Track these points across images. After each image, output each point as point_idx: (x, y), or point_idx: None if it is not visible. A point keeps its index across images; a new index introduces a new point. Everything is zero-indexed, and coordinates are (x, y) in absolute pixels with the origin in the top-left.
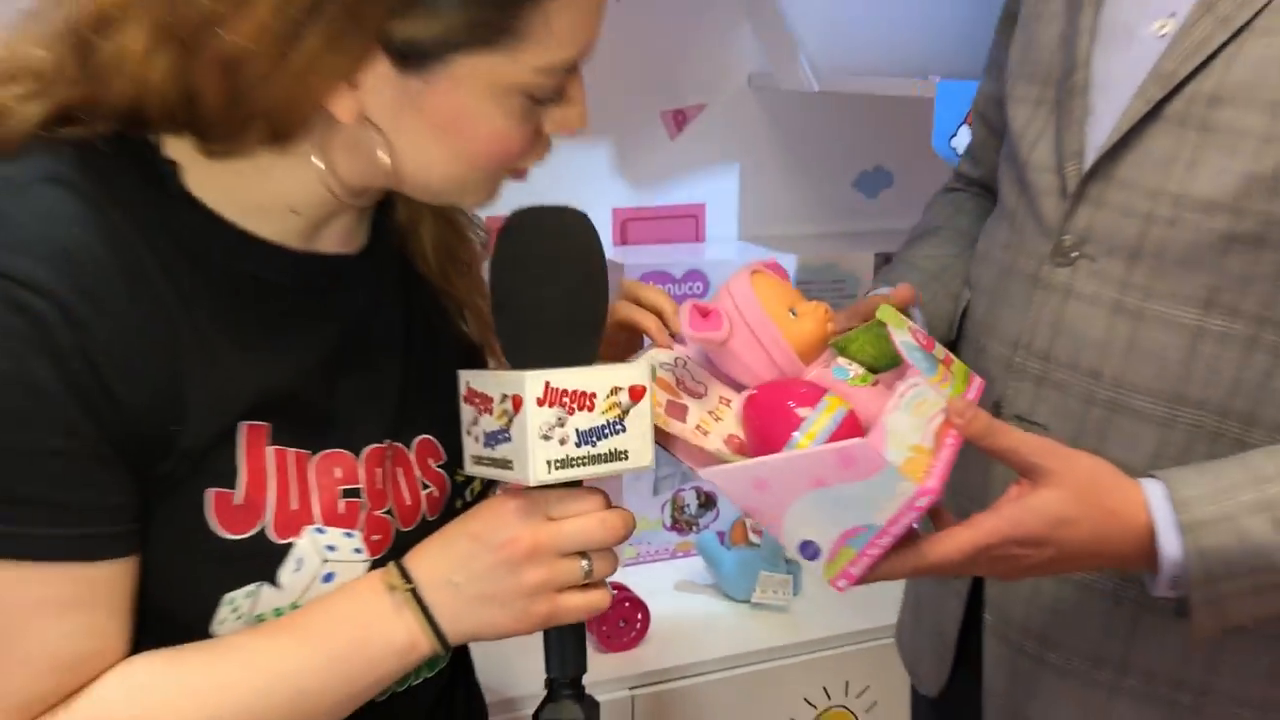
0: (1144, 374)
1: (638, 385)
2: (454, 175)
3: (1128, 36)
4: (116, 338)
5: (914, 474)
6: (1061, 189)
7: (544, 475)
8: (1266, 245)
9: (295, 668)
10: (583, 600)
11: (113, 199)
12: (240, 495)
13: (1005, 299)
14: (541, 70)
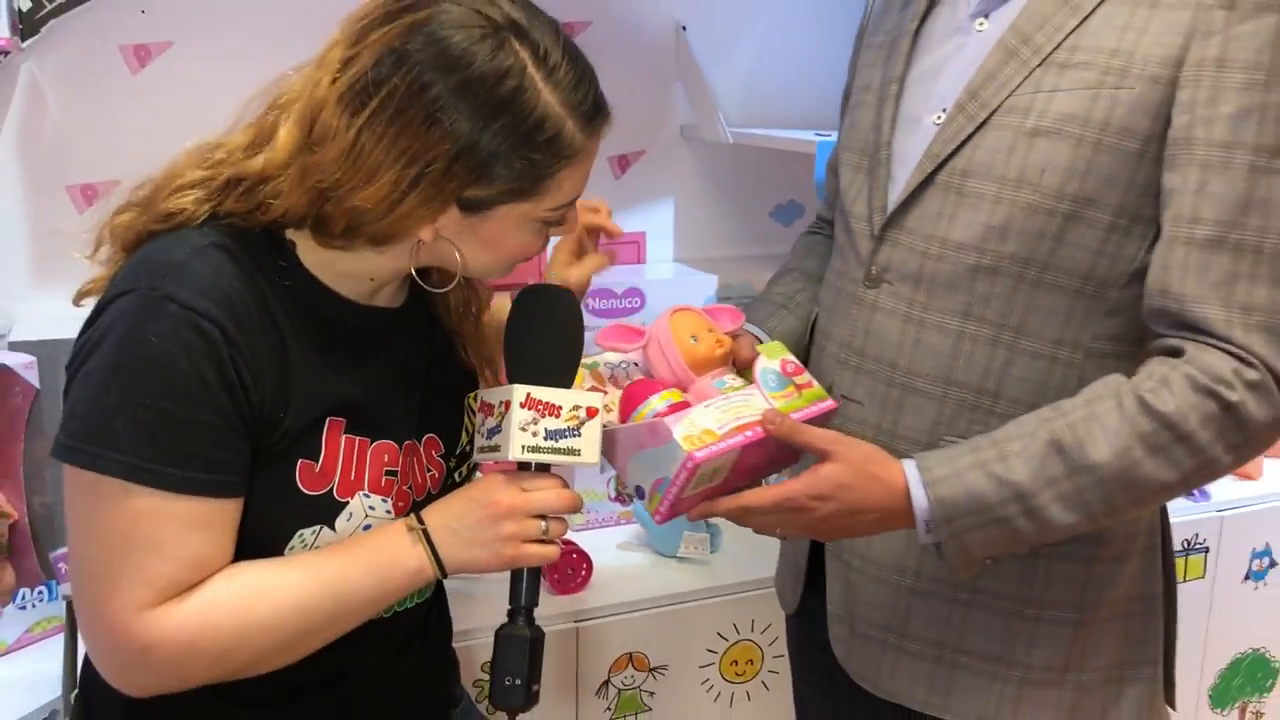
0: (925, 365)
1: (593, 407)
2: (493, 268)
3: (916, 123)
4: (253, 354)
5: (689, 445)
6: (870, 233)
7: (519, 454)
8: (999, 274)
9: (338, 575)
10: (540, 550)
11: (255, 262)
12: (319, 466)
13: (836, 312)
14: (554, 210)
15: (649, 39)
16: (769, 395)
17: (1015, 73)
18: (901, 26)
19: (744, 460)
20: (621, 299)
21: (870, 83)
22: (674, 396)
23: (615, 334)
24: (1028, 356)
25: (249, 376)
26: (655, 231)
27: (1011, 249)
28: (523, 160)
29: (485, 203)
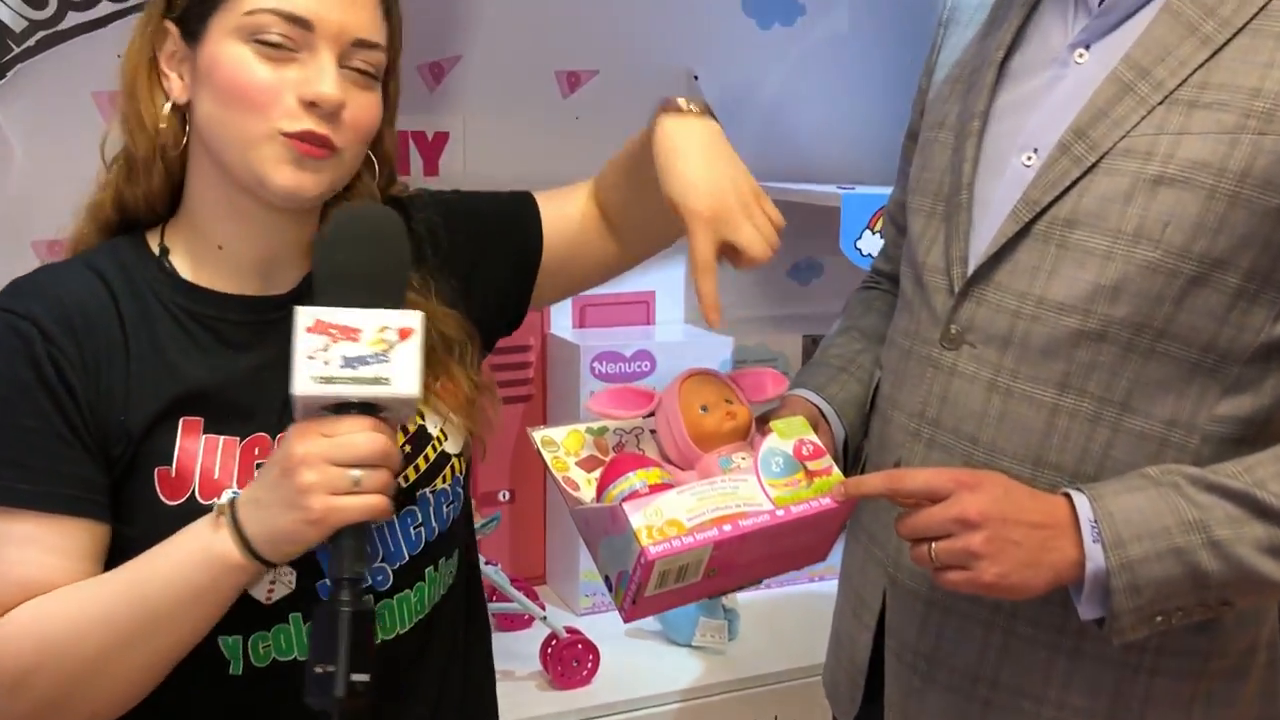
0: (1012, 441)
1: (406, 327)
2: (222, 112)
3: (1001, 165)
4: (82, 355)
5: (646, 539)
6: (950, 288)
7: (307, 386)
8: (1106, 340)
9: (140, 576)
10: (353, 503)
11: (116, 270)
12: (174, 470)
13: (906, 377)
14: (246, 12)
15: (660, 88)
16: (768, 482)
17: (1132, 110)
18: (984, 56)
19: (738, 555)
20: (630, 362)
21: (945, 119)
22: (653, 477)
23: (615, 398)
24: (1134, 437)
25: (74, 377)
26: (665, 290)
27: (1123, 313)
28: None
29: (193, 18)
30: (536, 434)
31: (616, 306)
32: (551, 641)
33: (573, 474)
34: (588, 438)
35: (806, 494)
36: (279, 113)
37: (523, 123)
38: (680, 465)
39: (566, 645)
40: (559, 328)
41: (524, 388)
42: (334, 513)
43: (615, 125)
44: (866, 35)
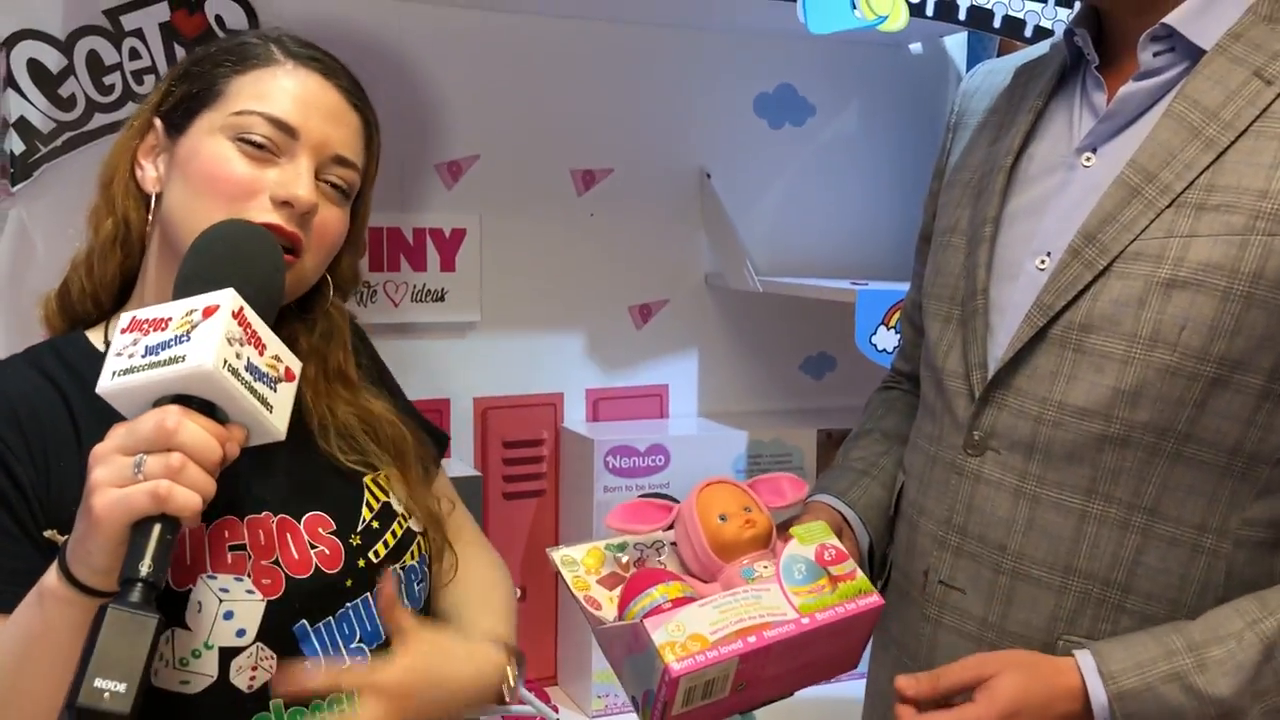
0: (1040, 549)
1: (211, 305)
2: (190, 197)
3: (1015, 270)
4: (31, 449)
5: (670, 655)
6: (970, 393)
7: (106, 383)
8: (1130, 445)
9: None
10: (132, 492)
11: (61, 367)
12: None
13: (931, 483)
14: (234, 113)
15: (672, 186)
16: (791, 590)
17: (1140, 214)
18: (994, 161)
19: (766, 667)
20: (644, 456)
21: (956, 223)
22: (674, 591)
23: (632, 513)
24: (1164, 543)
25: (22, 469)
26: (678, 384)
27: (1145, 417)
28: (214, 66)
29: (180, 114)
30: (556, 554)
31: (630, 400)
32: None
33: (594, 593)
34: (608, 554)
35: (831, 600)
36: (250, 205)
37: (538, 219)
38: (703, 577)
39: None
40: (572, 421)
41: (538, 482)
42: (114, 506)
43: (629, 222)
44: (876, 135)
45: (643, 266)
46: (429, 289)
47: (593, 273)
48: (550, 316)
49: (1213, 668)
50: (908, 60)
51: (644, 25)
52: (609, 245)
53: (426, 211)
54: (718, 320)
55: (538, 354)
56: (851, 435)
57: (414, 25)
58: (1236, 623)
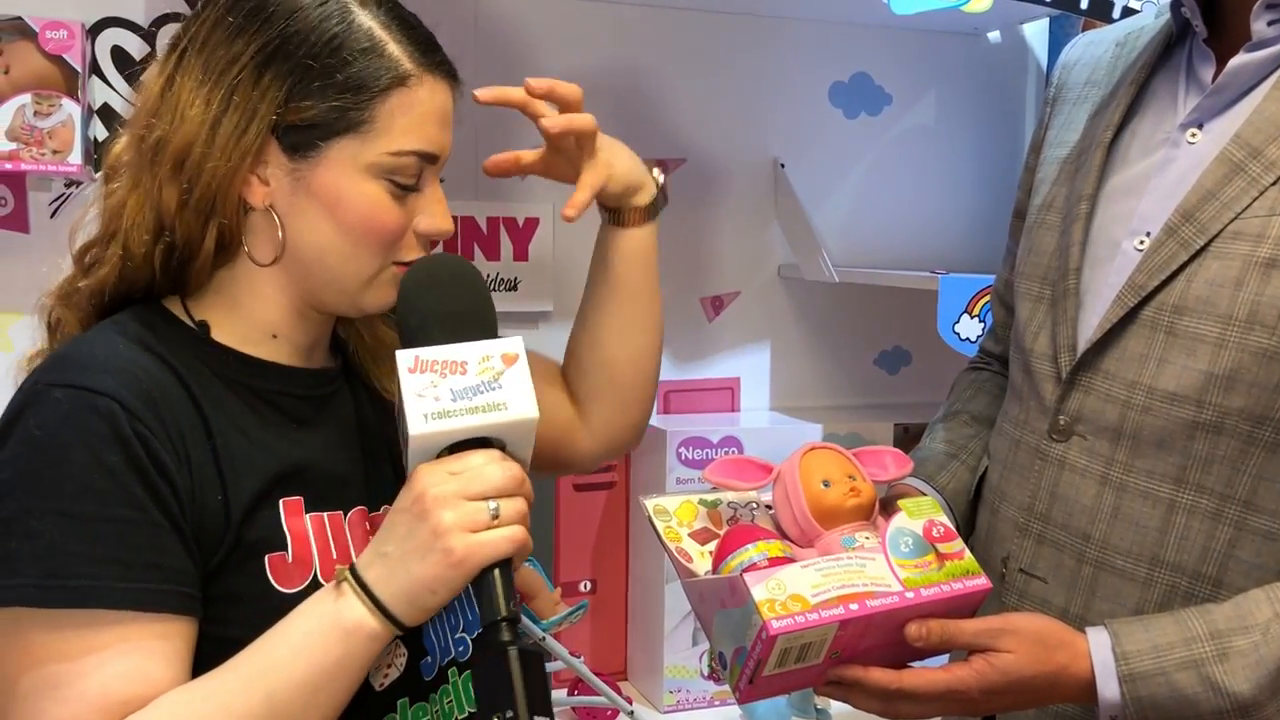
0: (1126, 539)
1: (510, 354)
2: (341, 241)
3: (1112, 250)
4: (169, 430)
5: (768, 613)
6: (1057, 375)
7: (422, 426)
8: (1224, 433)
9: (264, 666)
10: (495, 537)
11: (157, 340)
12: (290, 555)
13: (1014, 468)
14: (392, 155)
15: (746, 177)
16: (896, 562)
17: (1242, 192)
18: (1093, 136)
19: (863, 638)
20: (717, 448)
21: (1052, 201)
22: (774, 549)
23: (730, 468)
24: (1259, 537)
25: (167, 455)
26: (750, 377)
27: (1240, 403)
28: (341, 74)
29: (307, 133)
30: (649, 502)
31: (701, 393)
32: None
33: (686, 545)
34: (701, 509)
35: (937, 577)
36: (400, 248)
37: None
38: (799, 542)
39: None
40: None
41: (607, 474)
42: (477, 550)
43: (701, 212)
44: (954, 125)
45: (715, 258)
46: (503, 278)
47: (664, 264)
48: None
49: (1234, 658)
50: (986, 49)
51: (718, 13)
52: (681, 236)
53: (501, 200)
54: (790, 312)
55: None
56: (938, 416)
57: (489, 14)
58: (1266, 611)
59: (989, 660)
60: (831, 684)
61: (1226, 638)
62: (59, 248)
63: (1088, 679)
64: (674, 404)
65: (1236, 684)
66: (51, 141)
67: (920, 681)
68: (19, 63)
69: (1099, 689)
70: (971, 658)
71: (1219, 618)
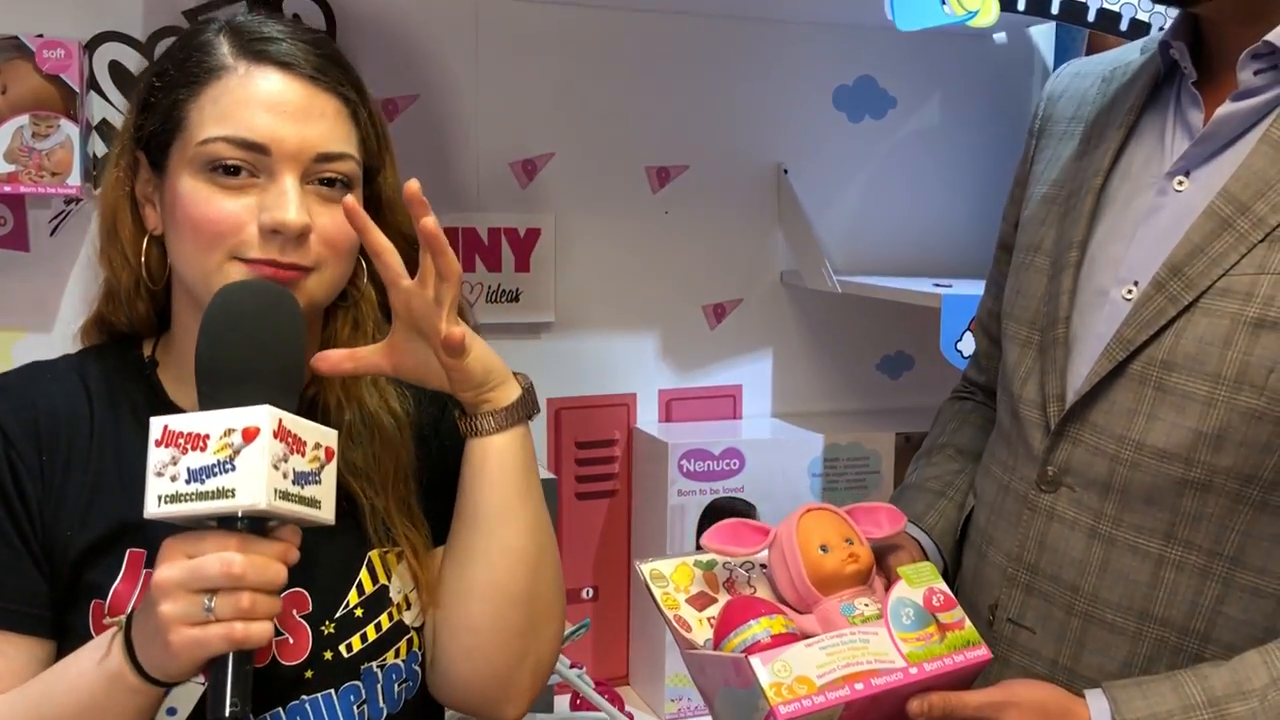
0: (1115, 592)
1: (251, 427)
2: (184, 254)
3: (1100, 298)
4: (44, 461)
5: (775, 697)
6: (1045, 425)
7: (154, 509)
8: (1212, 490)
9: (41, 694)
10: (206, 634)
11: (100, 375)
12: (107, 606)
13: (1002, 513)
14: (199, 144)
15: (748, 182)
16: (899, 635)
17: (1230, 248)
18: (1082, 180)
19: (867, 714)
20: (719, 460)
21: (1040, 242)
22: (776, 626)
23: (727, 534)
24: (1247, 594)
25: (31, 484)
26: (752, 385)
27: (1228, 462)
28: (174, 80)
29: (155, 145)
30: (645, 567)
31: (703, 400)
32: None
33: (684, 612)
34: (696, 572)
35: (940, 650)
36: (239, 241)
37: (612, 217)
38: (797, 607)
39: None
40: (644, 422)
41: (609, 483)
42: (191, 646)
43: (704, 219)
44: (960, 128)
45: (717, 265)
46: (504, 289)
47: (667, 272)
48: (624, 317)
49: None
50: (992, 51)
51: (719, 18)
52: (683, 244)
53: (501, 211)
54: (793, 319)
55: (611, 355)
56: (923, 449)
57: (490, 22)
58: (1263, 676)
59: None
60: None
61: (1224, 704)
62: (59, 266)
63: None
64: (675, 412)
65: None
66: (50, 163)
67: None
68: (16, 82)
69: None
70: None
71: (1216, 684)
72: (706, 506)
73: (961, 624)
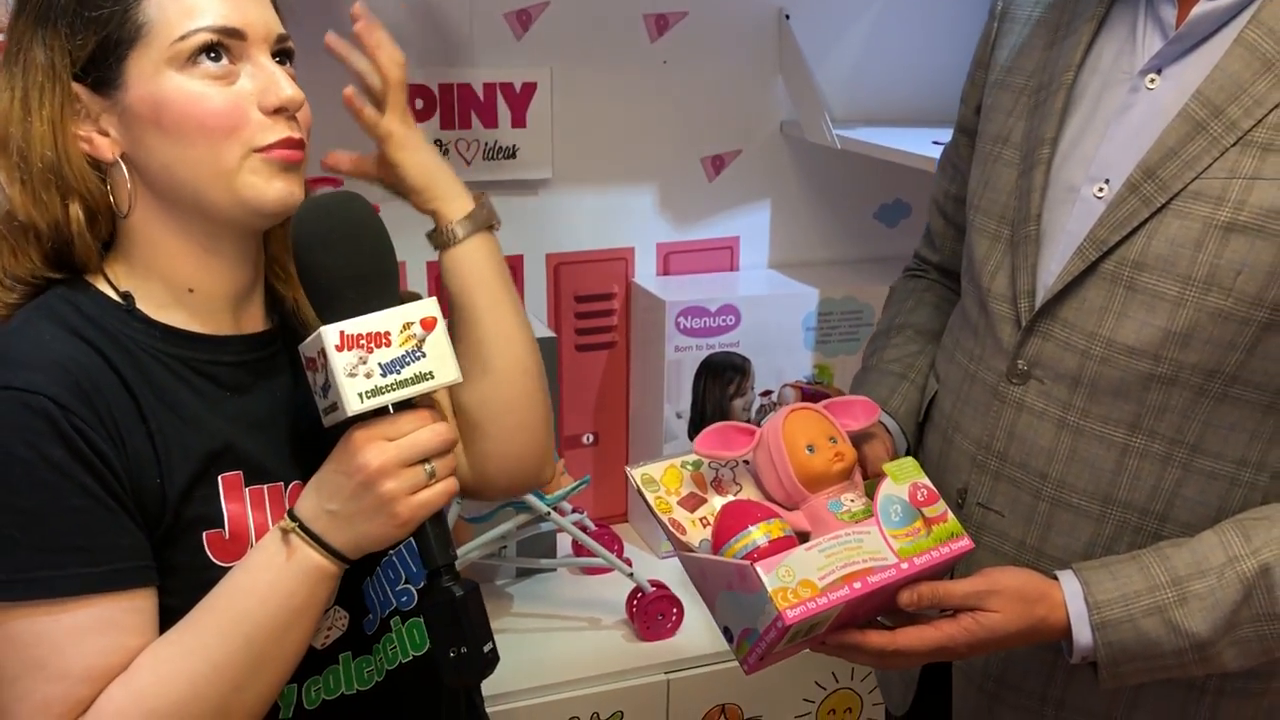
0: (1082, 479)
1: (428, 317)
2: (185, 157)
3: (1071, 194)
4: (102, 418)
5: (782, 602)
6: (1016, 320)
7: (358, 405)
8: (1177, 384)
9: (238, 616)
10: (433, 494)
11: (85, 322)
12: (228, 532)
13: (969, 402)
14: (182, 39)
15: (749, 29)
16: (889, 533)
17: (1203, 151)
18: (1052, 74)
19: (861, 607)
20: (715, 317)
21: (1008, 135)
22: (775, 530)
23: (717, 439)
24: (1204, 477)
25: (104, 444)
26: (749, 235)
27: (1194, 359)
28: (110, 8)
29: (101, 67)
30: (636, 472)
31: (700, 253)
32: (637, 595)
33: (677, 515)
34: (684, 472)
35: (927, 544)
36: (249, 131)
37: (609, 69)
38: (784, 504)
39: (653, 600)
40: (642, 276)
41: (608, 334)
42: (419, 511)
43: (703, 69)
44: None
45: (716, 116)
46: (500, 146)
47: (665, 124)
48: (622, 170)
49: (1193, 602)
50: None
51: None
52: (682, 95)
53: (495, 65)
54: (792, 169)
55: (609, 209)
56: (881, 328)
57: None
58: (1219, 555)
59: (977, 619)
60: (829, 646)
61: (1185, 583)
62: None
63: (1063, 626)
64: (673, 265)
65: (1195, 625)
66: None
67: (913, 640)
68: None
69: (1074, 635)
70: (960, 616)
71: (1179, 564)
72: (702, 361)
73: (945, 516)
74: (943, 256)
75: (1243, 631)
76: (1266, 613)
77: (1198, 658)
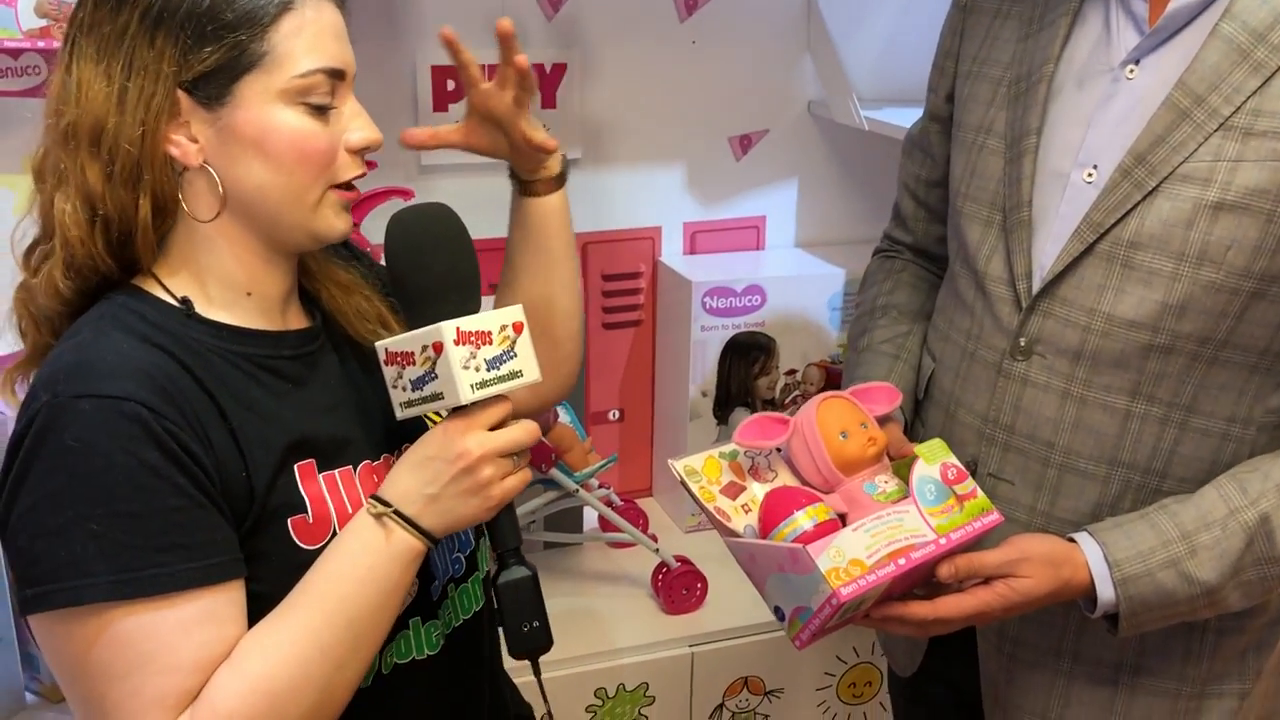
0: (1087, 445)
1: (518, 321)
2: (278, 176)
3: (1059, 180)
4: (188, 419)
5: (835, 581)
6: (1015, 301)
7: (470, 395)
8: (1174, 352)
9: (338, 601)
10: (518, 480)
11: (152, 329)
12: (311, 516)
13: (971, 378)
14: (301, 78)
15: (778, 9)
16: (926, 511)
17: (1189, 137)
18: (1030, 66)
19: (902, 582)
20: (741, 296)
21: (991, 125)
22: (820, 514)
23: (756, 429)
24: (1198, 434)
25: (195, 444)
26: (776, 215)
27: (1190, 328)
28: (229, 14)
29: (214, 83)
30: (678, 465)
31: (727, 232)
32: (662, 570)
33: (721, 504)
34: (722, 462)
35: (961, 519)
36: (335, 169)
37: (639, 49)
38: (820, 488)
39: (677, 574)
40: (669, 255)
41: (634, 313)
42: (507, 495)
43: (734, 48)
44: None
45: (744, 95)
46: None
47: (694, 103)
48: (649, 150)
49: (1202, 553)
50: None
51: None
52: (711, 74)
53: (527, 47)
54: (819, 149)
55: (636, 188)
56: (864, 309)
57: None
58: (1221, 508)
59: (1010, 585)
60: (874, 619)
61: (1194, 536)
62: None
63: (1086, 585)
64: (700, 244)
65: (1205, 574)
66: None
67: (952, 608)
68: None
69: (1098, 593)
70: (994, 583)
71: (1185, 519)
72: (728, 341)
73: (975, 493)
74: (915, 238)
75: (1246, 575)
76: (1266, 556)
77: (1207, 602)
